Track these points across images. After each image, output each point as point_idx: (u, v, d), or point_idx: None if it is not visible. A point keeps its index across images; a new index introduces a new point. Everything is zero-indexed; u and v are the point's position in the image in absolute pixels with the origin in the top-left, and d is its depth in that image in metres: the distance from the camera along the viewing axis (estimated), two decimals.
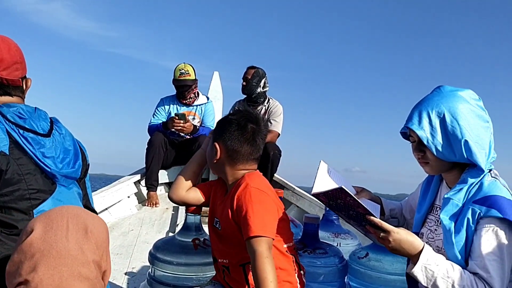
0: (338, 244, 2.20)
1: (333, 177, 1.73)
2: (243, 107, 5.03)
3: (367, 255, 1.98)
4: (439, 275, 1.37)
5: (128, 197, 4.52)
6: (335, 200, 1.57)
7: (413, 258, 1.42)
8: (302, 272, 1.67)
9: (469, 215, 1.43)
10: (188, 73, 4.64)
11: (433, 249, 1.47)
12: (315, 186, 1.62)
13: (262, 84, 4.85)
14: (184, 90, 4.69)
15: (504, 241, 1.38)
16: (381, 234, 1.43)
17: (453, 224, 1.46)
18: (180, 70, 4.67)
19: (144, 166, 4.65)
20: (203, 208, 1.93)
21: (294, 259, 1.65)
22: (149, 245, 3.46)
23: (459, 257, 1.42)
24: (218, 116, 6.01)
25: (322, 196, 1.60)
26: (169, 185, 5.15)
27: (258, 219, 1.47)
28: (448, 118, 1.47)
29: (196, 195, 1.77)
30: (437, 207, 1.65)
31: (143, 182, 4.72)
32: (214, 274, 1.83)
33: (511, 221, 1.38)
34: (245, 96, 5.03)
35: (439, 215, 1.59)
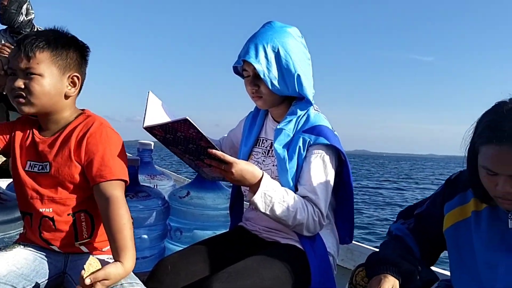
0: (155, 186, 2.11)
1: (164, 109, 1.61)
2: (5, 40, 4.23)
3: (188, 193, 1.96)
4: (276, 200, 1.45)
5: None
6: (174, 133, 1.45)
7: (253, 187, 1.45)
8: (131, 220, 1.54)
9: (300, 143, 1.54)
10: None
11: None
12: (148, 118, 1.46)
13: (24, 11, 4.14)
14: None
15: (329, 165, 1.54)
16: (223, 166, 1.42)
17: (286, 152, 1.55)
18: None
19: None
20: None
21: None
22: None
23: (291, 183, 1.53)
24: None
25: (157, 129, 1.46)
26: None
27: (117, 161, 1.34)
28: (282, 53, 1.52)
29: None
30: (262, 139, 1.72)
31: None
32: (18, 235, 1.52)
33: (336, 147, 1.54)
34: (6, 26, 4.22)
35: (266, 147, 1.67)
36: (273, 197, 1.44)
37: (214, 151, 1.41)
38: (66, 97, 1.40)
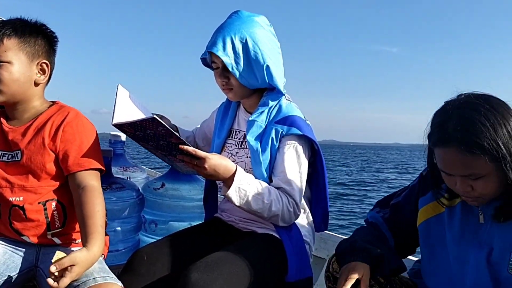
0: (128, 178, 2.08)
1: (135, 104, 1.58)
2: None
3: (163, 185, 1.94)
4: (251, 194, 1.44)
5: None
6: (144, 130, 1.44)
7: (227, 181, 1.45)
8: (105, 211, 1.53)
9: (273, 134, 1.53)
10: None
11: None
12: (117, 115, 1.44)
13: None
14: None
15: (303, 156, 1.54)
16: (196, 161, 1.41)
17: (259, 144, 1.54)
18: None
19: None
20: None
21: None
22: None
23: (265, 175, 1.52)
24: None
25: (127, 127, 1.44)
26: None
27: (94, 151, 1.37)
28: (250, 44, 1.50)
29: None
30: (235, 131, 1.70)
31: None
32: None
33: (308, 137, 1.54)
34: None
35: (239, 138, 1.66)
36: (247, 190, 1.43)
37: (185, 147, 1.39)
38: (36, 84, 1.40)
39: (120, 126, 1.42)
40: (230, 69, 1.49)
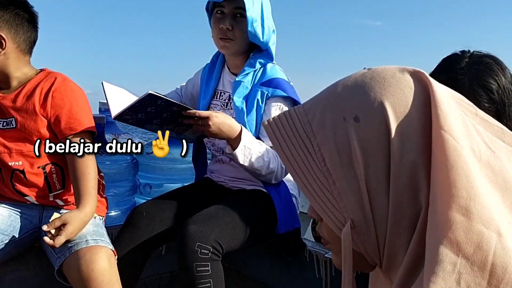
0: None
1: (123, 94, 1.61)
2: None
3: None
4: (254, 152, 1.49)
5: None
6: (145, 109, 1.45)
7: (231, 141, 1.47)
8: (101, 174, 1.60)
9: (259, 96, 1.58)
10: None
11: None
12: (113, 108, 1.44)
13: None
14: None
15: None
16: (201, 122, 1.43)
17: (244, 104, 1.59)
18: None
19: None
20: None
21: None
22: None
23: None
24: None
25: (126, 114, 1.44)
26: None
27: (84, 113, 1.43)
28: (264, 5, 1.54)
29: None
30: (220, 92, 1.74)
31: None
32: None
33: (293, 99, 1.61)
34: None
35: (224, 100, 1.71)
36: (251, 149, 1.48)
37: (188, 111, 1.42)
38: (3, 59, 1.36)
39: (121, 117, 1.44)
40: (248, 13, 1.48)
